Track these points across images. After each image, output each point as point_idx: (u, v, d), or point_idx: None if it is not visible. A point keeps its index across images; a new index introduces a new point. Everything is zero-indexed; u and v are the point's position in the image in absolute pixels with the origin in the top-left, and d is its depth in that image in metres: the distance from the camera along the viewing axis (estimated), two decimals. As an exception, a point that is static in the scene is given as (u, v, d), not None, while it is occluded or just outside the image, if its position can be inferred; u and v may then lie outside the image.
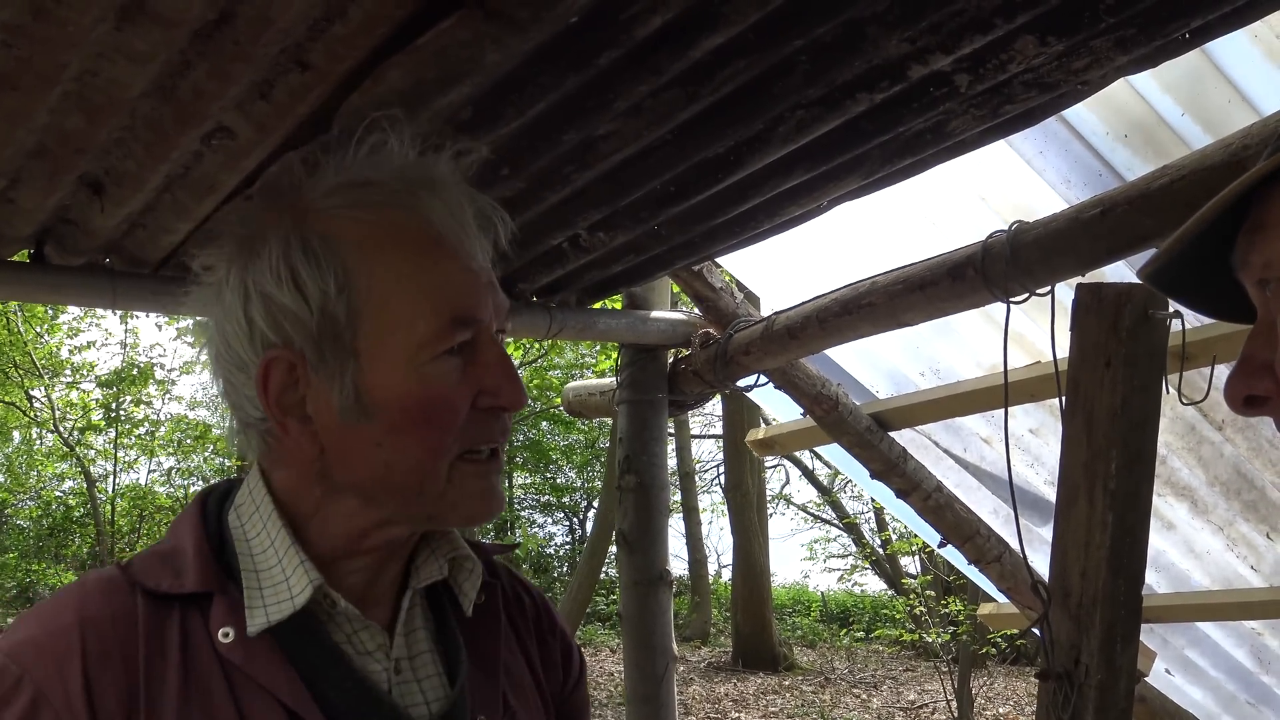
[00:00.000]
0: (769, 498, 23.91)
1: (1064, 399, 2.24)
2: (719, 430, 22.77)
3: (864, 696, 16.91)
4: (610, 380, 3.73)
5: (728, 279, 3.34)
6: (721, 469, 23.07)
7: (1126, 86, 2.34)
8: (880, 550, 21.41)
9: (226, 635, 1.23)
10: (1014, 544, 3.55)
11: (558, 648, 1.57)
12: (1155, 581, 3.62)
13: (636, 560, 3.44)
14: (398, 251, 1.26)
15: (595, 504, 26.15)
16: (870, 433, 3.31)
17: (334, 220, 1.26)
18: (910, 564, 20.07)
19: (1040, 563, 3.34)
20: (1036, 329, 2.97)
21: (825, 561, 24.97)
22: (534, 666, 1.52)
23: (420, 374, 1.24)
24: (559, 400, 15.08)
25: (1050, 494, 3.43)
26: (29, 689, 1.17)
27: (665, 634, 3.40)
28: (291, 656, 1.25)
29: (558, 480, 28.84)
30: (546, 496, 29.37)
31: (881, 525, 21.34)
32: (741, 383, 3.34)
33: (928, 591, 15.33)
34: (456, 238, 1.28)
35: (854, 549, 24.20)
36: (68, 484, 24.76)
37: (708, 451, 27.54)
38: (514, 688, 1.45)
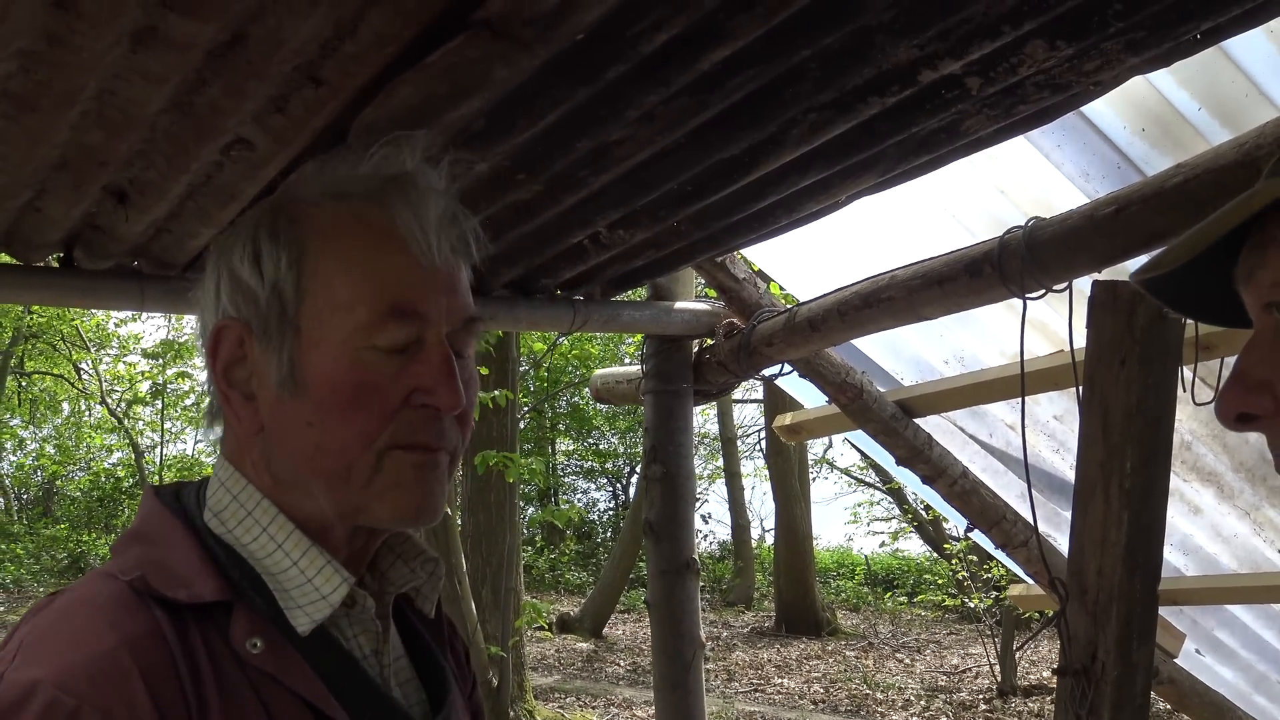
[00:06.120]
0: (811, 462, 23.92)
1: (1081, 394, 2.24)
2: (760, 395, 22.78)
3: (907, 661, 16.94)
4: (637, 368, 3.75)
5: (754, 268, 3.34)
6: (763, 433, 23.09)
7: (1143, 81, 2.31)
8: (923, 514, 21.37)
9: (255, 646, 1.19)
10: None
11: (462, 651, 1.57)
12: (1184, 565, 3.61)
13: (663, 549, 3.46)
14: (352, 238, 1.28)
15: (638, 470, 26.21)
16: (895, 420, 3.31)
17: (306, 208, 1.30)
18: (954, 528, 20.03)
19: (1068, 546, 3.34)
20: (1059, 317, 2.96)
21: (869, 525, 24.96)
22: (461, 670, 1.53)
23: (354, 357, 1.25)
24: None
25: (1077, 478, 3.43)
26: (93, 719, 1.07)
27: (693, 621, 3.43)
28: (314, 663, 1.23)
29: (601, 446, 28.93)
30: (590, 463, 29.49)
31: (924, 490, 21.24)
32: (766, 371, 3.36)
33: (970, 556, 15.30)
34: (415, 233, 1.28)
35: (898, 512, 24.17)
36: (116, 455, 25.10)
37: (749, 416, 27.57)
38: (460, 691, 1.47)
